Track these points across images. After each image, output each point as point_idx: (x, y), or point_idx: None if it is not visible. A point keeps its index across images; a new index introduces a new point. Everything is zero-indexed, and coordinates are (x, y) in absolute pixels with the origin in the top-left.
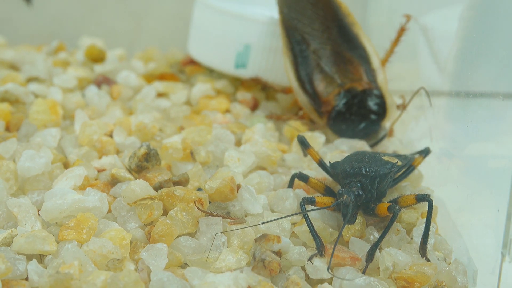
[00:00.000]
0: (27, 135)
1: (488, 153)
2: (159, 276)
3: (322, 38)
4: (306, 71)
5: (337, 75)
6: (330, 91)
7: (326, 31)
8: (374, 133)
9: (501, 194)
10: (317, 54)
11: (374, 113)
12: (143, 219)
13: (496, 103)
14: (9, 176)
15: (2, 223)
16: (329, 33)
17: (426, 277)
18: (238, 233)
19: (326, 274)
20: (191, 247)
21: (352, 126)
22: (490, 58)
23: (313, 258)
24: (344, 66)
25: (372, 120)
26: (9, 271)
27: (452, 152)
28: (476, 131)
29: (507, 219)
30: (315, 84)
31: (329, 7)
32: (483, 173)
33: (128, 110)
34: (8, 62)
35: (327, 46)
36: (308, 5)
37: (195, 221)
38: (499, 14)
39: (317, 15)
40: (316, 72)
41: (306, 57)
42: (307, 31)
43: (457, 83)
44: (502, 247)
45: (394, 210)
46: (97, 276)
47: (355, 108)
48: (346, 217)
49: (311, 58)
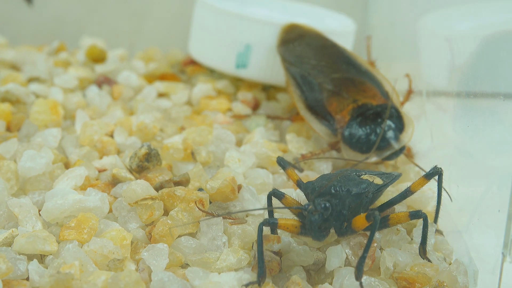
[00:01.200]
0: (28, 135)
1: (489, 153)
2: (160, 276)
3: (330, 70)
4: (315, 97)
5: (350, 94)
6: (344, 108)
7: (333, 65)
8: (389, 146)
9: (502, 194)
10: (326, 83)
11: (390, 126)
12: (144, 219)
13: (497, 103)
14: (10, 176)
15: (3, 223)
16: (336, 66)
17: (427, 277)
18: (239, 233)
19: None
20: (192, 247)
21: (367, 138)
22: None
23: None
24: (355, 87)
25: (389, 132)
26: (10, 271)
27: (452, 152)
28: (477, 131)
29: (508, 219)
30: (327, 104)
31: (333, 48)
32: (484, 173)
33: (129, 110)
34: (9, 62)
35: (336, 75)
36: (312, 50)
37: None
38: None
39: (322, 55)
40: (327, 95)
41: (313, 88)
42: (312, 69)
43: (458, 83)
44: (503, 247)
45: (374, 217)
46: (98, 276)
47: (371, 120)
48: (312, 231)
49: (319, 87)
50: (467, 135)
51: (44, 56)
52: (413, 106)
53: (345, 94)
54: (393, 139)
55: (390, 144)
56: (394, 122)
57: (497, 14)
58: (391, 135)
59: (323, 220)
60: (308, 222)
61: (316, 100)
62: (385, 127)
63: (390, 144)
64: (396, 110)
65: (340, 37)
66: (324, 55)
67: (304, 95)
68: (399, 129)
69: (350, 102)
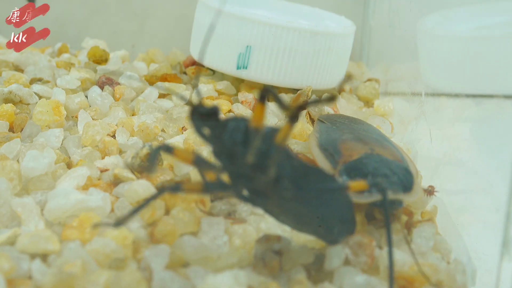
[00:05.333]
0: (31, 135)
1: (488, 153)
2: (162, 275)
3: (361, 130)
4: (331, 138)
5: (370, 145)
6: (357, 150)
7: (364, 128)
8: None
9: (500, 194)
10: (351, 132)
11: (396, 177)
12: (145, 218)
13: (496, 103)
14: (13, 176)
15: (6, 223)
16: (367, 129)
17: (426, 276)
18: (240, 233)
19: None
20: (194, 246)
21: (363, 176)
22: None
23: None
24: (374, 142)
25: (391, 178)
26: (13, 270)
27: (451, 152)
28: (476, 131)
29: (506, 219)
30: (341, 143)
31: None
32: (483, 173)
33: (130, 111)
34: (12, 63)
35: (365, 133)
36: (348, 119)
37: (197, 221)
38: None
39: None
40: (345, 138)
41: (331, 132)
42: (343, 125)
43: (457, 83)
44: (501, 247)
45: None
46: (100, 275)
47: (376, 166)
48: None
49: (342, 132)
50: (466, 135)
51: (47, 57)
52: (413, 106)
53: (365, 143)
54: (392, 187)
55: (384, 190)
56: (404, 176)
57: (496, 16)
58: (391, 183)
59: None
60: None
61: (330, 140)
62: (390, 173)
63: (392, 190)
64: (410, 171)
65: (340, 38)
66: (357, 123)
67: (321, 137)
68: (404, 186)
69: (367, 149)
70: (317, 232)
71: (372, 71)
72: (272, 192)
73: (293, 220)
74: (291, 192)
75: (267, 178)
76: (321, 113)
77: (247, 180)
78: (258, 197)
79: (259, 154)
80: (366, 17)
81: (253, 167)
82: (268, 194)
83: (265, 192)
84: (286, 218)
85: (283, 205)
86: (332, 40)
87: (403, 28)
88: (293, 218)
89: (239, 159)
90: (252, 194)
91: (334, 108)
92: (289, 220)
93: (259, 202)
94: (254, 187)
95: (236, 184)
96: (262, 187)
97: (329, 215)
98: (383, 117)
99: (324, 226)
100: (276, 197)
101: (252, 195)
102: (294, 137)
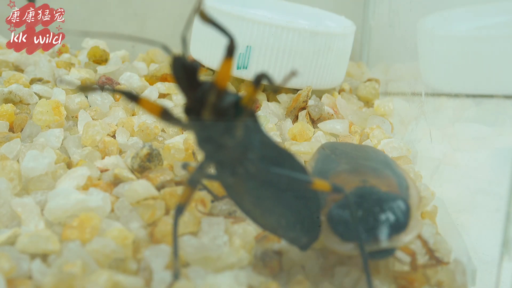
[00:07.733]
0: (31, 135)
1: (488, 153)
2: (162, 275)
3: (361, 158)
4: (324, 169)
5: (363, 176)
6: (348, 183)
7: (366, 156)
8: (375, 241)
9: (500, 194)
10: (347, 163)
11: (388, 218)
12: (145, 218)
13: (496, 103)
14: (13, 176)
15: (6, 223)
16: (368, 156)
17: (426, 276)
18: (240, 233)
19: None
20: (194, 246)
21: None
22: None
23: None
24: (371, 173)
25: (383, 223)
26: (13, 270)
27: (451, 152)
28: (476, 131)
29: (506, 219)
30: (334, 175)
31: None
32: (483, 173)
33: (130, 111)
34: (12, 63)
35: (363, 162)
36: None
37: (197, 221)
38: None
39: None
40: (339, 170)
41: (326, 162)
42: (341, 153)
43: (457, 83)
44: (501, 247)
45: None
46: (100, 275)
47: (368, 205)
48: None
49: (333, 162)
50: (466, 135)
51: (47, 57)
52: (413, 106)
53: (359, 174)
54: (383, 234)
55: (377, 238)
56: (395, 215)
57: (496, 16)
58: (383, 229)
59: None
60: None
61: (324, 171)
62: (382, 217)
63: (377, 239)
64: (406, 204)
65: (340, 38)
66: (360, 150)
67: (315, 168)
68: (398, 226)
69: (358, 182)
70: (285, 233)
71: (372, 71)
72: (238, 163)
73: (262, 216)
74: (256, 167)
75: (232, 141)
76: (321, 113)
77: (213, 142)
78: (224, 169)
79: (226, 116)
80: (366, 17)
81: (220, 129)
82: (234, 164)
83: (231, 162)
84: (255, 213)
85: (250, 190)
86: (332, 40)
87: (403, 28)
88: (261, 212)
89: (207, 122)
90: (219, 166)
91: (334, 108)
92: (258, 217)
93: (226, 179)
94: (220, 152)
95: (203, 147)
96: (228, 153)
97: (294, 209)
98: (383, 117)
99: (290, 223)
100: (241, 172)
101: (219, 167)
102: (294, 137)
